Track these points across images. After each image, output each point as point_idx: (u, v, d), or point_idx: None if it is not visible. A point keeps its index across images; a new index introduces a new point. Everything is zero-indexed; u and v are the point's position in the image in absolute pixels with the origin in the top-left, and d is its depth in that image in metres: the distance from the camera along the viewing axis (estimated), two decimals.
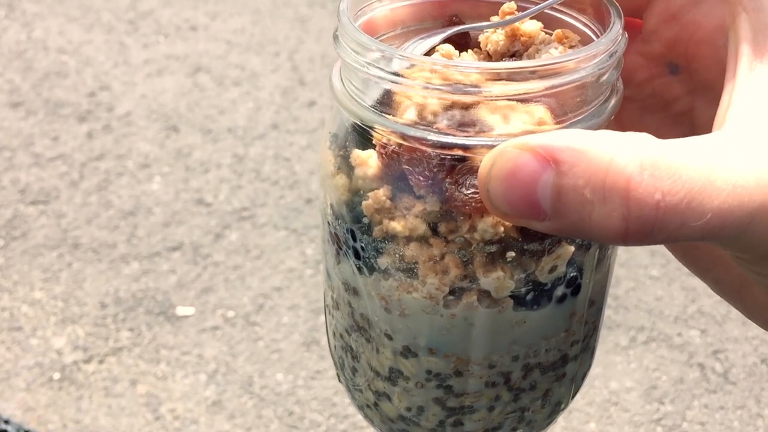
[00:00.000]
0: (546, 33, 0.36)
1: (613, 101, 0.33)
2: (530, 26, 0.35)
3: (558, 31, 0.36)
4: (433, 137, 0.30)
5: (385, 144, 0.32)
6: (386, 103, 0.31)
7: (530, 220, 0.27)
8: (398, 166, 0.32)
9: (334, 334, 0.42)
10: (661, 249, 1.92)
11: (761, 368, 1.67)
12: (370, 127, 0.32)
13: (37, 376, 1.62)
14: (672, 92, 0.36)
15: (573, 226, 0.26)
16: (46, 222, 1.93)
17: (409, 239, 0.32)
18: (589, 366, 0.42)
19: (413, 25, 0.37)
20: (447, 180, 0.31)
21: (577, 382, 0.41)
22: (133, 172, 2.08)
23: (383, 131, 0.32)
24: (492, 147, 0.28)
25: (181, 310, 1.76)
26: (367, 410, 0.41)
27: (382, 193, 0.32)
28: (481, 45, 0.37)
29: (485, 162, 0.27)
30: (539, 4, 0.36)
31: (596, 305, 0.39)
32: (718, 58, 0.32)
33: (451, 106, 0.30)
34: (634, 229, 0.25)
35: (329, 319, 0.42)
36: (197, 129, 2.21)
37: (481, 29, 0.36)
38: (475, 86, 0.29)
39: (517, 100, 0.30)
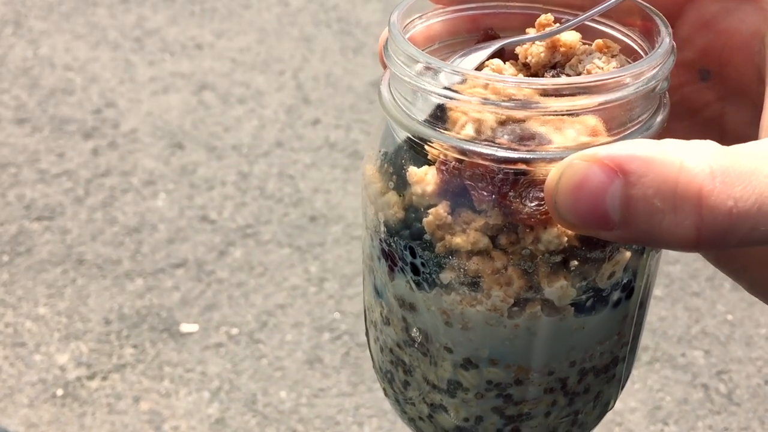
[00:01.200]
0: (585, 43, 0.36)
1: (662, 114, 0.33)
2: (569, 37, 0.35)
3: (599, 41, 0.35)
4: (496, 153, 0.30)
5: (445, 160, 0.32)
6: (441, 117, 0.31)
7: (599, 230, 0.27)
8: (459, 181, 0.32)
9: (382, 350, 0.42)
10: (663, 269, 1.92)
11: (765, 389, 1.67)
12: (427, 142, 0.32)
13: (40, 392, 1.62)
14: (702, 98, 0.36)
15: (643, 234, 0.26)
16: (51, 238, 1.94)
17: (471, 253, 0.33)
18: (633, 366, 0.43)
19: (448, 39, 0.38)
20: (510, 194, 0.31)
21: (623, 382, 0.42)
22: (138, 188, 2.08)
23: (442, 147, 0.32)
24: (554, 160, 0.29)
25: (185, 327, 1.76)
26: (420, 423, 0.41)
27: (442, 210, 0.32)
28: (519, 57, 0.37)
29: (553, 175, 0.28)
30: (573, 15, 0.36)
31: (644, 307, 0.40)
32: (754, 64, 0.32)
33: (506, 121, 0.31)
34: (706, 236, 0.25)
35: (376, 335, 0.42)
36: (202, 146, 2.22)
37: (521, 43, 0.36)
38: (533, 102, 0.29)
39: (570, 114, 0.30)
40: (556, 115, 0.30)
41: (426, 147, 0.33)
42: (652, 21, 0.34)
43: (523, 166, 0.30)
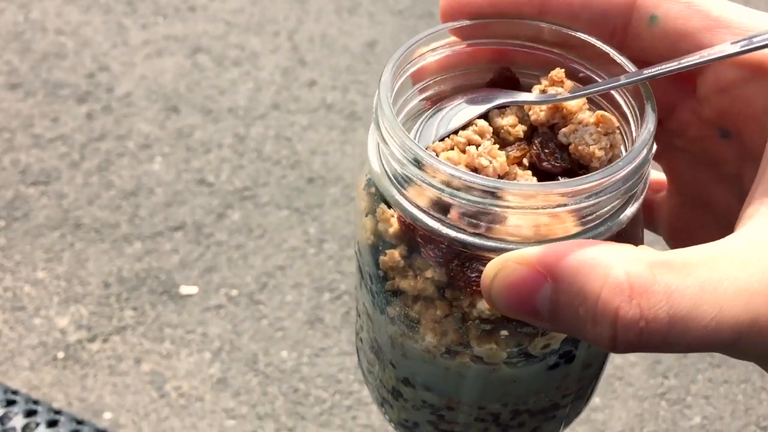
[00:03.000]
0: (589, 110, 0.36)
1: (632, 207, 0.33)
2: (573, 102, 0.35)
3: (599, 113, 0.35)
4: (440, 229, 0.31)
5: (403, 217, 0.33)
6: (408, 181, 0.32)
7: (529, 320, 0.29)
8: (414, 234, 0.33)
9: (357, 333, 0.44)
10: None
11: None
12: (391, 202, 0.33)
13: (41, 355, 1.62)
14: (722, 154, 0.37)
15: (568, 331, 0.29)
16: (48, 203, 1.93)
17: (416, 299, 0.34)
18: (584, 408, 0.43)
19: (467, 67, 0.37)
20: (454, 262, 0.32)
21: (568, 420, 0.42)
22: (133, 152, 2.07)
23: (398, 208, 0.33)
24: (495, 251, 0.30)
25: (184, 290, 1.75)
26: (379, 405, 0.44)
27: (398, 254, 0.34)
28: (525, 108, 0.37)
29: (488, 271, 0.30)
30: (589, 69, 0.36)
31: (593, 367, 0.40)
32: (765, 138, 0.32)
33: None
34: (621, 347, 0.28)
35: (357, 320, 0.44)
36: (197, 109, 2.20)
37: (522, 104, 0.36)
38: (495, 196, 0.30)
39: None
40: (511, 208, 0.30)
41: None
42: (643, 112, 0.34)
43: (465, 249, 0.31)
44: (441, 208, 0.31)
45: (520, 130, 0.35)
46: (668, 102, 0.36)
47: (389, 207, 0.34)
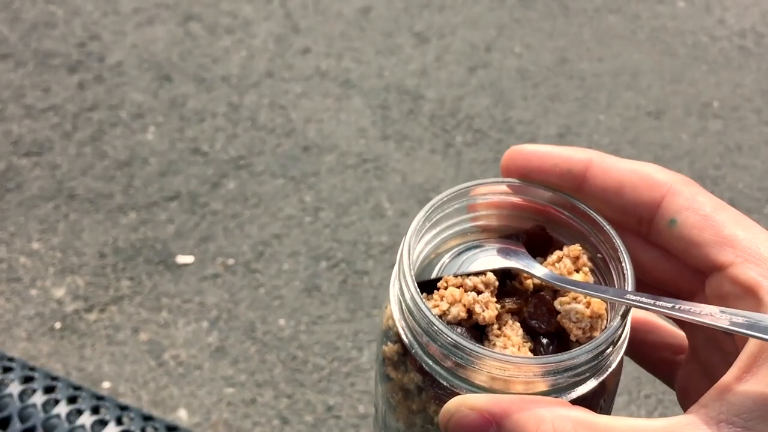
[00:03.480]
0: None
1: (594, 381, 0.37)
2: (578, 278, 0.41)
3: (593, 302, 0.40)
4: (423, 358, 0.38)
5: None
6: (407, 311, 0.39)
7: None
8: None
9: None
10: None
11: None
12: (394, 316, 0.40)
13: (38, 325, 1.61)
14: (727, 345, 0.40)
15: None
16: (41, 173, 1.91)
17: (400, 388, 0.41)
18: None
19: (515, 212, 0.44)
20: (427, 378, 0.39)
21: None
22: (126, 122, 2.05)
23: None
24: (457, 387, 0.37)
25: (180, 259, 1.75)
26: None
27: (396, 349, 0.40)
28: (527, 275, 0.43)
29: (445, 411, 0.36)
30: (606, 250, 0.41)
31: None
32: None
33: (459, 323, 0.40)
34: None
35: None
36: (190, 78, 2.17)
37: (529, 275, 0.42)
38: (462, 351, 0.36)
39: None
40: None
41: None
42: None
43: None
44: (425, 341, 0.38)
45: (531, 283, 0.42)
46: (689, 289, 0.41)
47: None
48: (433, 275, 0.42)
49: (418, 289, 0.38)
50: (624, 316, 0.38)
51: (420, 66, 2.24)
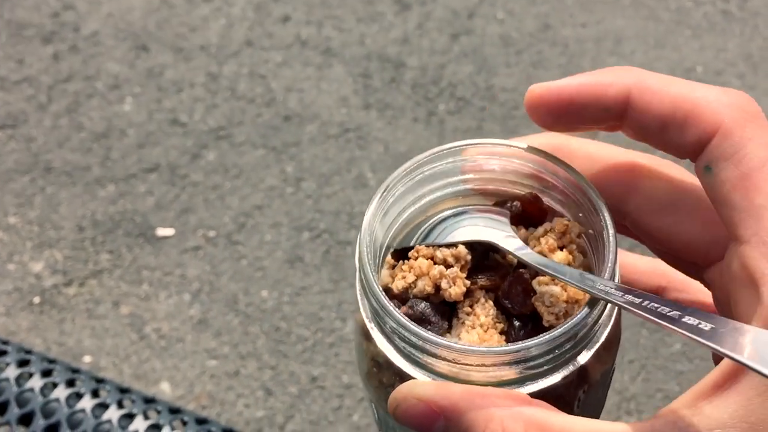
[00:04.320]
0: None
1: (563, 371, 0.34)
2: (560, 256, 0.38)
3: (571, 288, 0.36)
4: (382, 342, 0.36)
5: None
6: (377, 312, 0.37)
7: None
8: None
9: None
10: None
11: None
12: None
13: (16, 300, 1.59)
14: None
15: None
16: (16, 146, 1.87)
17: (372, 358, 0.39)
18: None
19: (502, 174, 0.40)
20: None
21: None
22: (103, 93, 2.01)
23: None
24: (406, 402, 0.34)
25: (161, 231, 1.72)
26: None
27: (362, 313, 0.38)
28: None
29: (392, 399, 0.34)
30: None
31: None
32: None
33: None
34: None
35: None
36: (168, 48, 2.13)
37: (506, 252, 0.38)
38: (423, 341, 0.33)
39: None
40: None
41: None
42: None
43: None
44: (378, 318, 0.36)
45: (515, 259, 0.39)
46: (713, 255, 0.36)
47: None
48: (412, 242, 0.40)
49: (370, 262, 0.35)
50: (591, 306, 0.33)
51: (402, 33, 2.20)
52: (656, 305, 0.31)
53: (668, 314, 0.30)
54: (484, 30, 2.22)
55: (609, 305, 0.35)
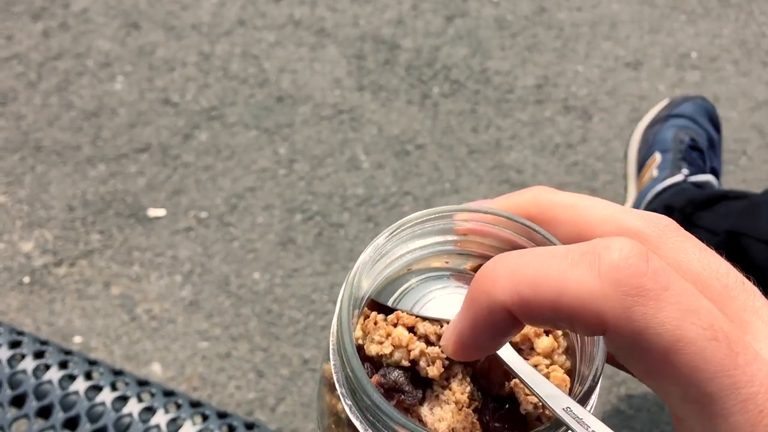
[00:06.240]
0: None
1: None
2: (544, 342, 0.36)
3: (556, 375, 0.35)
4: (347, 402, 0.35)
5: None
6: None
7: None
8: None
9: None
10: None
11: None
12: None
13: (6, 280, 1.58)
14: None
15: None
16: (5, 124, 1.85)
17: (332, 412, 0.38)
18: None
19: (490, 240, 0.38)
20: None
21: None
22: (93, 71, 1.98)
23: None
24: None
25: (152, 212, 1.71)
26: None
27: (333, 371, 0.36)
28: None
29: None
30: None
31: None
32: None
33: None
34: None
35: None
36: (159, 26, 2.11)
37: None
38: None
39: None
40: None
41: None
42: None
43: None
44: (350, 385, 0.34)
45: None
46: None
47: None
48: (392, 298, 0.38)
49: (351, 335, 0.33)
50: (556, 426, 0.32)
51: (396, 15, 2.19)
52: None
53: None
54: (479, 12, 2.21)
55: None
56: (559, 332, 0.37)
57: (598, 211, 0.34)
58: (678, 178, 1.46)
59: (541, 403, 0.34)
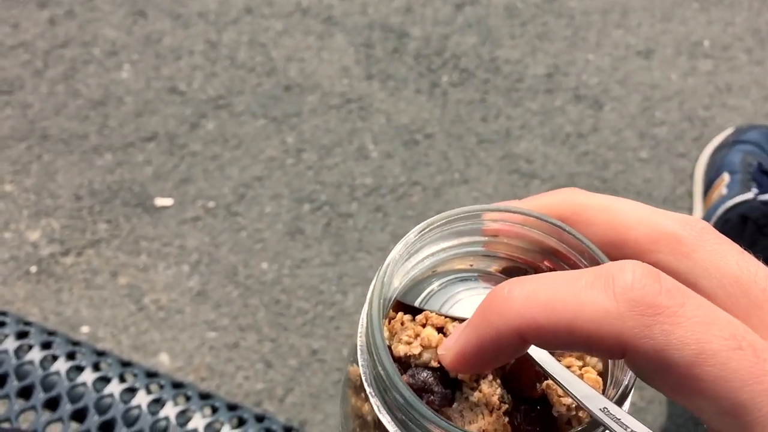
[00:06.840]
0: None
1: None
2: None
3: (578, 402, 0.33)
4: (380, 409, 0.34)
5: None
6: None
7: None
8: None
9: None
10: (649, 132, 1.88)
11: None
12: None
13: (12, 269, 1.57)
14: None
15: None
16: (12, 113, 1.84)
17: (358, 415, 0.37)
18: None
19: (518, 241, 0.37)
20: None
21: None
22: (100, 60, 1.97)
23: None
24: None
25: (159, 201, 1.70)
26: None
27: (360, 373, 0.35)
28: None
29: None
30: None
31: None
32: None
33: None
34: None
35: None
36: (166, 14, 2.09)
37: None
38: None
39: None
40: None
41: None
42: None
43: None
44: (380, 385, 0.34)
45: None
46: None
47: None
48: (419, 300, 0.37)
49: (382, 332, 0.33)
50: (593, 427, 0.31)
51: (405, 3, 2.16)
52: None
53: None
54: (488, 0, 2.18)
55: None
56: None
57: (633, 212, 0.34)
58: (748, 195, 1.48)
59: (573, 406, 0.33)
